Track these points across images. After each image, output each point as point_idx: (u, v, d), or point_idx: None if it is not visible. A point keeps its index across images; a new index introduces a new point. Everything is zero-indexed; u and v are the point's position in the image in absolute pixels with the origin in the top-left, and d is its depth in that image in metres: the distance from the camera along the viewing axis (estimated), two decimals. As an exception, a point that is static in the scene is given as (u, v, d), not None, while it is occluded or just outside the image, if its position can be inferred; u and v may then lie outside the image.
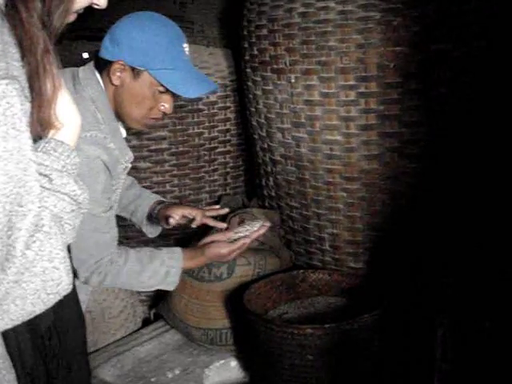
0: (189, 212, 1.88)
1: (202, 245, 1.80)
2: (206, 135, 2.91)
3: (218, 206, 2.01)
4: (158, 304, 2.77)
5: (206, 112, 2.89)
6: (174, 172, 2.89)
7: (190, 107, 2.85)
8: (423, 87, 2.13)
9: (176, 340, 2.62)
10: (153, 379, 2.37)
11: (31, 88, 0.86)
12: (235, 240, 1.79)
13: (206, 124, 2.90)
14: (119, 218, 1.85)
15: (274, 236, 2.61)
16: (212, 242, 1.79)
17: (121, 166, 1.62)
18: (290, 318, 2.30)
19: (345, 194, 2.32)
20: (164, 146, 2.85)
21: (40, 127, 0.90)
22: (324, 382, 2.03)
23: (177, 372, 2.40)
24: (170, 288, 1.77)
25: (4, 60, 0.80)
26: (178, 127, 2.85)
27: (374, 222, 2.30)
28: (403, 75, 2.12)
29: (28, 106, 0.84)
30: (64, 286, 0.86)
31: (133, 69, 1.57)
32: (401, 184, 2.22)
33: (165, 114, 1.67)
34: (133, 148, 2.71)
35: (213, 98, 2.90)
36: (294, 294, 2.42)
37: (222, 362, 2.45)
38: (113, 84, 1.59)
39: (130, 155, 1.66)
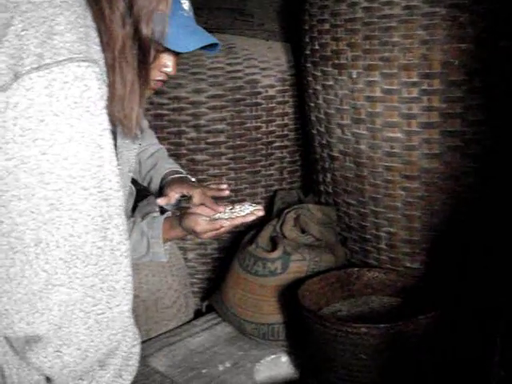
0: (187, 191, 1.76)
1: (182, 214, 1.70)
2: (263, 129, 2.87)
3: (223, 186, 1.83)
4: (211, 296, 2.77)
5: (264, 106, 2.86)
6: (231, 165, 2.87)
7: (248, 101, 2.82)
8: (488, 85, 2.06)
9: (227, 333, 2.62)
10: (204, 371, 2.37)
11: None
12: (215, 220, 1.65)
13: (264, 118, 2.86)
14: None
15: (330, 233, 2.57)
16: (192, 214, 1.66)
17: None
18: (344, 316, 2.27)
19: (403, 193, 2.27)
20: (221, 139, 2.84)
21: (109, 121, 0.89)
22: (376, 382, 1.99)
23: (227, 365, 2.39)
24: (161, 259, 1.69)
25: (85, 43, 0.81)
26: (235, 120, 2.82)
27: (433, 222, 2.24)
28: (468, 73, 2.06)
29: (105, 90, 0.84)
30: None
31: None
32: (462, 184, 2.16)
33: (168, 75, 1.52)
34: (190, 140, 2.83)
35: (271, 93, 2.86)
36: (348, 292, 2.38)
37: (273, 356, 2.43)
38: None
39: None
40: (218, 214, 1.67)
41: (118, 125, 0.95)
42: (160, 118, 2.83)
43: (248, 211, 1.68)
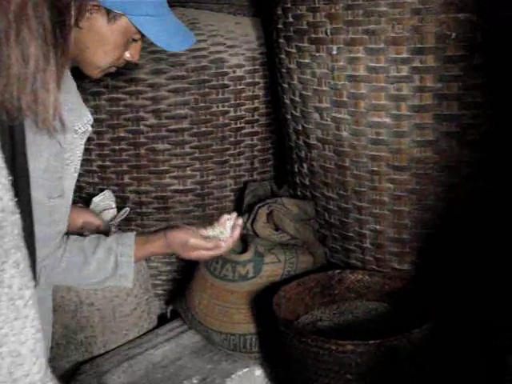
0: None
1: (169, 226, 1.63)
2: (231, 114, 2.76)
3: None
4: (175, 300, 2.61)
5: (231, 88, 2.73)
6: (196, 155, 2.74)
7: (214, 82, 2.68)
8: (489, 62, 1.94)
9: (194, 342, 2.44)
10: None
11: None
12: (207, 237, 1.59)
13: (232, 102, 2.75)
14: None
15: (308, 230, 2.43)
16: (178, 228, 1.59)
17: (75, 133, 1.39)
18: (325, 327, 2.10)
19: (391, 186, 2.16)
20: (184, 125, 2.70)
21: (2, 110, 0.75)
22: (364, 405, 1.84)
23: (194, 381, 2.22)
24: (126, 284, 1.56)
25: None
26: (200, 105, 2.69)
27: (425, 219, 2.13)
28: (466, 47, 1.94)
29: None
30: None
31: (108, 12, 1.36)
32: (458, 175, 2.05)
33: (128, 62, 1.49)
34: (150, 127, 2.69)
35: (240, 73, 2.73)
36: (329, 297, 2.24)
37: (246, 370, 2.27)
38: (78, 26, 1.34)
39: (88, 117, 1.43)
40: (212, 233, 1.61)
41: (29, 115, 0.78)
42: (115, 102, 2.70)
43: (230, 225, 1.62)
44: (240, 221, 1.64)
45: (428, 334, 1.82)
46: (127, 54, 1.44)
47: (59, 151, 1.34)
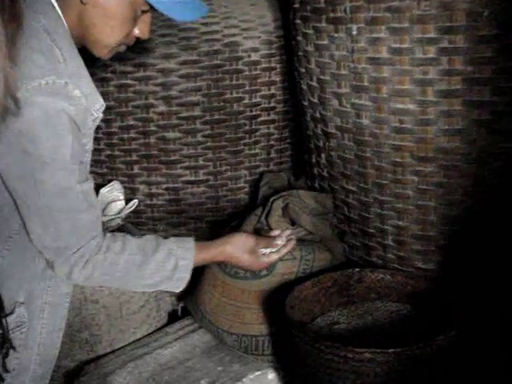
0: None
1: (227, 237, 1.64)
2: (246, 101, 2.70)
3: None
4: (186, 297, 2.52)
5: (246, 73, 2.67)
6: (208, 144, 2.68)
7: (227, 67, 2.62)
8: None
9: (205, 342, 2.34)
10: None
11: None
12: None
13: (247, 88, 2.69)
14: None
15: (325, 225, 2.34)
16: (244, 236, 1.63)
17: (91, 118, 1.36)
18: (342, 331, 1.97)
19: (416, 179, 2.05)
20: (196, 113, 2.64)
21: None
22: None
23: None
24: (178, 288, 1.55)
25: None
26: (212, 91, 2.63)
27: (452, 215, 2.02)
28: (500, 26, 1.82)
29: None
30: None
31: None
32: (490, 168, 1.93)
33: (138, 39, 1.45)
34: (160, 115, 2.59)
35: (255, 57, 2.67)
36: (348, 297, 2.13)
37: (258, 373, 2.16)
38: (82, 2, 1.34)
39: (100, 102, 1.39)
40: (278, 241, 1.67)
41: None
42: (124, 89, 2.63)
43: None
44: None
45: (454, 342, 1.69)
46: (136, 31, 1.41)
47: (79, 135, 1.33)
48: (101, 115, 1.41)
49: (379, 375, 1.64)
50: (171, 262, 1.49)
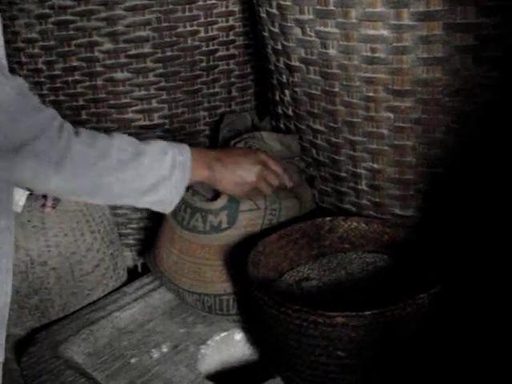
0: None
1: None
2: (201, 35, 2.47)
3: None
4: (145, 252, 2.35)
5: (200, 3, 2.42)
6: (162, 84, 2.46)
7: None
8: None
9: (167, 301, 2.22)
10: (133, 360, 1.95)
11: None
12: None
13: (202, 20, 2.45)
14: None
15: (292, 169, 2.17)
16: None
17: None
18: (313, 288, 1.82)
19: (391, 115, 1.87)
20: (146, 50, 2.41)
21: None
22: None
23: (164, 349, 2.00)
24: (173, 198, 1.44)
25: None
26: (163, 24, 2.39)
27: (432, 155, 1.86)
28: None
29: None
30: None
31: None
32: (475, 102, 1.73)
33: None
34: (106, 54, 2.34)
35: None
36: (319, 249, 1.97)
37: (224, 334, 2.06)
38: None
39: None
40: None
41: None
42: (64, 26, 2.39)
43: None
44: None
45: (437, 300, 1.55)
46: None
47: None
48: None
49: (354, 340, 1.49)
50: (168, 157, 1.38)
